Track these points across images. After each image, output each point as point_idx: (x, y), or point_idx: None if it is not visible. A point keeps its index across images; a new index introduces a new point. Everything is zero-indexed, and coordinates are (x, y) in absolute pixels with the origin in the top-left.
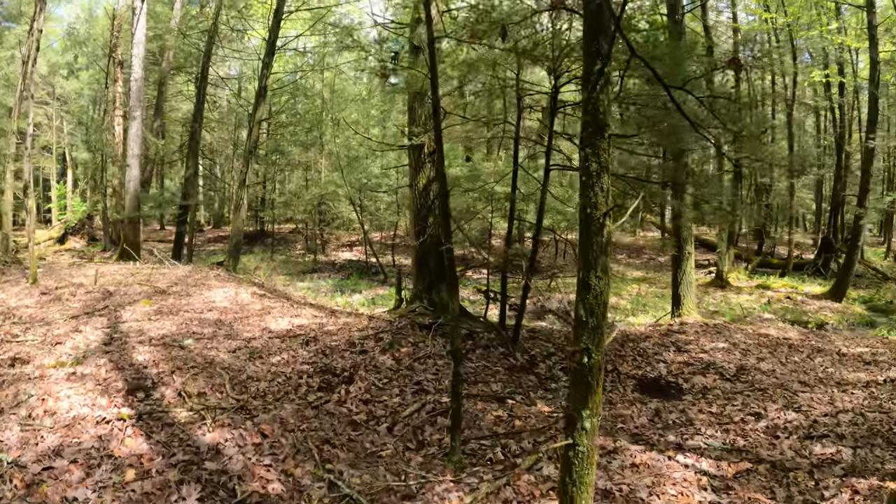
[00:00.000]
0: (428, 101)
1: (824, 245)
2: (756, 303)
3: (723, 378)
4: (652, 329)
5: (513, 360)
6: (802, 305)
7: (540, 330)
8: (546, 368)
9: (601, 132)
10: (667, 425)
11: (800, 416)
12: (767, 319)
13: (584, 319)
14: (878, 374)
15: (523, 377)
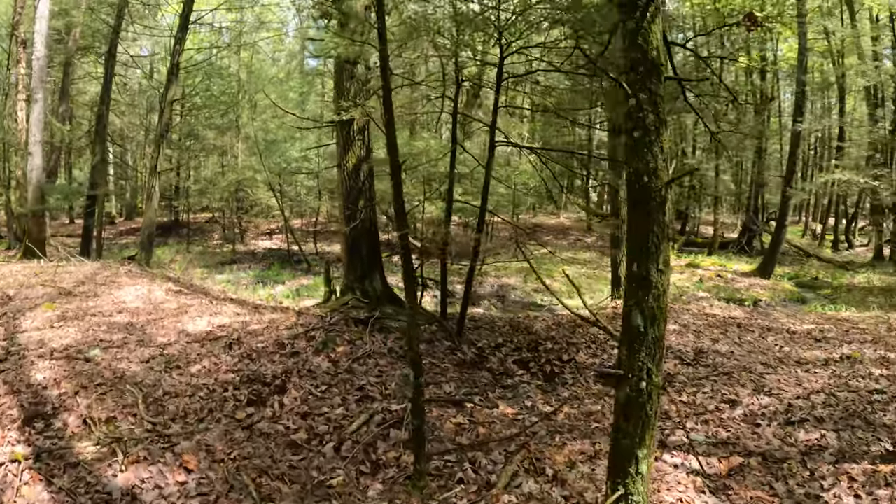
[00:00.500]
0: (358, 72)
1: (748, 224)
2: (689, 281)
3: (683, 363)
4: (597, 312)
5: (461, 355)
6: (733, 283)
7: (480, 318)
8: (498, 362)
9: (655, 73)
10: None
11: (773, 401)
12: (703, 298)
13: (642, 330)
14: (832, 351)
15: (475, 374)
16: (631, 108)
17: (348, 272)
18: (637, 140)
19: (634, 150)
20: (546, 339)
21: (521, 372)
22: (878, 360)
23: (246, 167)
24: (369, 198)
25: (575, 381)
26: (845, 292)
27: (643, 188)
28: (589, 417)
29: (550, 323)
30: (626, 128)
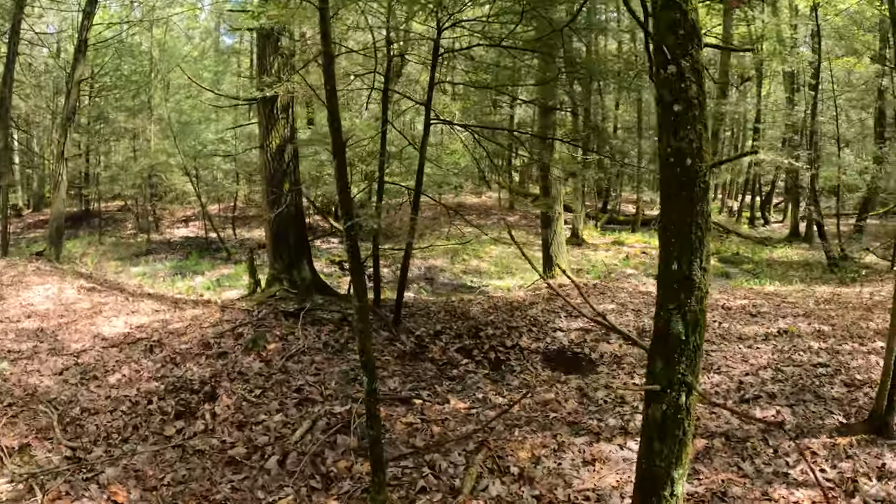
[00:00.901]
0: (283, 45)
1: None
2: (615, 259)
3: (627, 342)
4: (532, 293)
5: (400, 346)
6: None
7: (413, 303)
8: (440, 351)
9: (696, 37)
10: (600, 406)
11: (725, 379)
12: (632, 275)
13: (684, 338)
14: (768, 325)
15: (418, 366)
16: (670, 76)
17: (274, 261)
18: (678, 115)
19: (674, 126)
20: (486, 325)
21: (466, 361)
22: (814, 334)
23: (159, 151)
24: (294, 181)
25: (523, 368)
26: (767, 267)
27: (686, 171)
28: (545, 407)
29: (487, 306)
30: (665, 101)
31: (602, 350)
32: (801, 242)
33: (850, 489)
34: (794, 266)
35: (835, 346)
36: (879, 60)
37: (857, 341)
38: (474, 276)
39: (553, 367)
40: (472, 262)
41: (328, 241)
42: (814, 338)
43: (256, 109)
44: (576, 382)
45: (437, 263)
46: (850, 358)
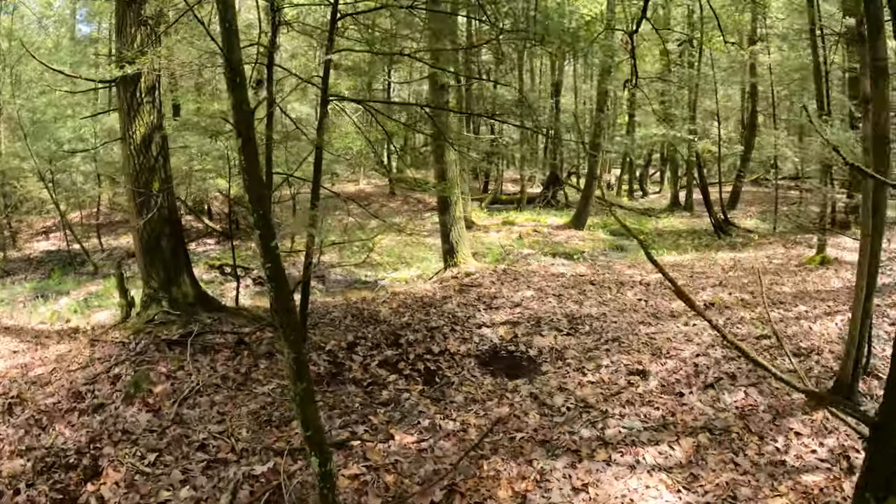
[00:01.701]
0: (146, 12)
1: (551, 179)
2: (509, 239)
3: (563, 333)
4: (440, 286)
5: (312, 367)
6: (552, 237)
7: (312, 308)
8: (360, 368)
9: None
10: (566, 417)
11: (678, 364)
12: (530, 255)
13: None
14: (693, 298)
15: (340, 391)
16: None
17: (149, 276)
18: None
19: None
20: (403, 328)
21: (394, 377)
22: (740, 304)
23: (10, 155)
24: (165, 178)
25: (461, 379)
26: (657, 237)
27: None
28: (506, 426)
29: (396, 305)
30: None
31: (538, 345)
32: (682, 211)
33: (845, 466)
34: (683, 235)
35: (764, 314)
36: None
37: (782, 307)
38: (368, 270)
39: (492, 371)
40: (363, 253)
41: (203, 242)
42: (741, 307)
43: (117, 94)
44: (527, 389)
45: (326, 259)
46: (785, 325)
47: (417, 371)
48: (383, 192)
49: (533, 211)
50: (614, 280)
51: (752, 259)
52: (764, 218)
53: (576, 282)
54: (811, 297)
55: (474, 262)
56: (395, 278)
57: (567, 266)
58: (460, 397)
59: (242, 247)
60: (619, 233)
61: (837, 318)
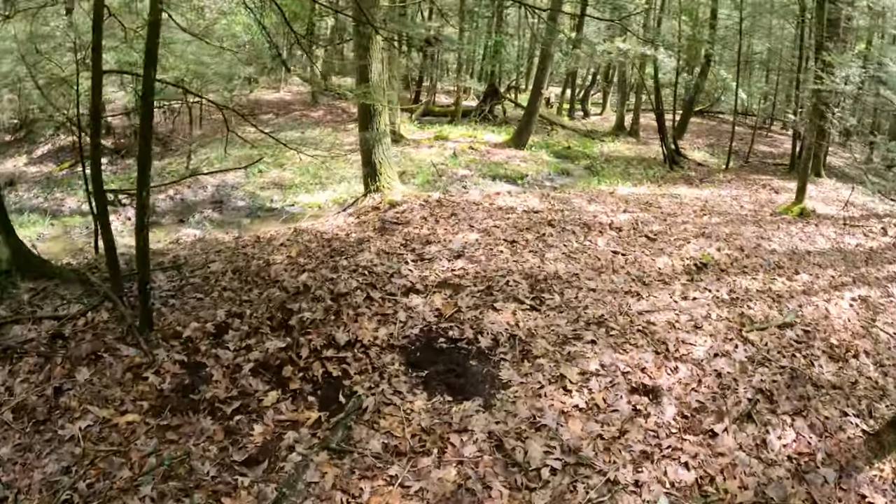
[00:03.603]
0: None
1: (490, 93)
2: (442, 157)
3: (523, 306)
4: (357, 221)
5: (154, 378)
6: (490, 156)
7: (188, 256)
8: (225, 376)
9: None
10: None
11: (695, 371)
12: (466, 177)
13: None
14: (677, 253)
15: (188, 428)
16: None
17: None
18: None
19: None
20: (298, 295)
21: (274, 394)
22: (733, 265)
23: None
24: None
25: (379, 400)
26: (604, 163)
27: None
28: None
29: (294, 252)
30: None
31: (492, 328)
32: (627, 136)
33: None
34: (633, 163)
35: (770, 285)
36: None
37: (783, 276)
38: (276, 192)
39: (426, 381)
40: (272, 172)
41: None
42: (738, 271)
43: None
44: (482, 424)
45: (229, 179)
46: (798, 304)
47: (312, 382)
48: (305, 101)
49: (468, 126)
50: (577, 220)
51: (720, 200)
52: (712, 151)
53: (530, 221)
54: (806, 261)
55: (401, 188)
56: (308, 204)
57: (515, 197)
58: (377, 443)
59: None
60: (563, 155)
61: (846, 293)
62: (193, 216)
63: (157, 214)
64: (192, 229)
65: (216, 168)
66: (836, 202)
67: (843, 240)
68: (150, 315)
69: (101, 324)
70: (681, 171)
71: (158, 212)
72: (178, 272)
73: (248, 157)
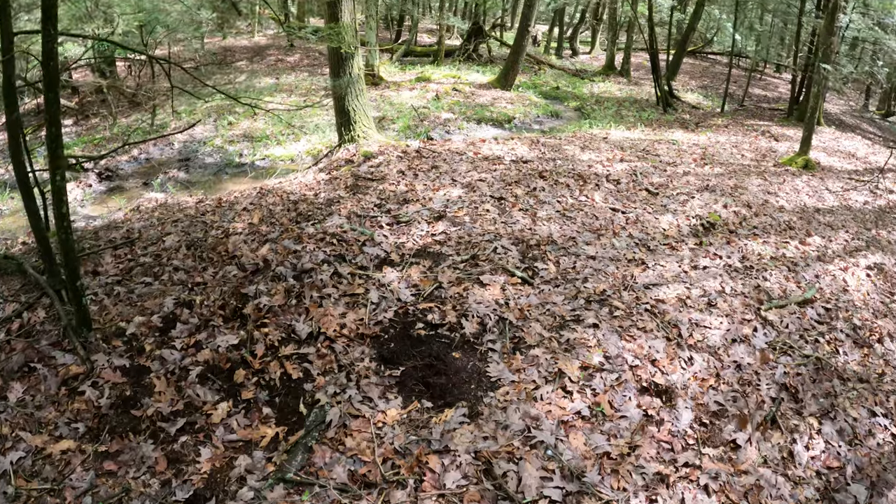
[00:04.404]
0: None
1: (474, 31)
2: (424, 100)
3: (513, 280)
4: (327, 177)
5: (89, 391)
6: (475, 97)
7: (140, 231)
8: (170, 382)
9: None
10: None
11: (712, 362)
12: (450, 121)
13: None
14: (680, 210)
15: (125, 455)
16: None
17: None
18: None
19: None
20: (257, 273)
21: (223, 407)
22: (743, 226)
23: None
24: None
25: (344, 411)
26: (595, 104)
27: None
28: None
29: (257, 218)
30: None
31: (477, 308)
32: (618, 76)
33: None
34: (625, 104)
35: (783, 250)
36: None
37: (794, 238)
38: (246, 145)
39: (401, 381)
40: (244, 123)
41: None
42: (748, 232)
43: None
44: (467, 440)
45: (197, 133)
46: (814, 274)
47: (268, 387)
48: (280, 46)
49: (452, 66)
50: (570, 171)
51: (719, 148)
52: (705, 93)
53: (519, 173)
54: (816, 220)
55: (378, 137)
56: (280, 157)
57: (503, 145)
58: (342, 471)
59: (103, 126)
60: (551, 96)
61: (861, 260)
62: (158, 178)
63: (120, 178)
64: (155, 193)
65: (183, 123)
66: (838, 153)
67: (851, 196)
68: (86, 313)
69: (36, 325)
70: (675, 114)
71: (122, 175)
72: (130, 249)
73: (219, 108)
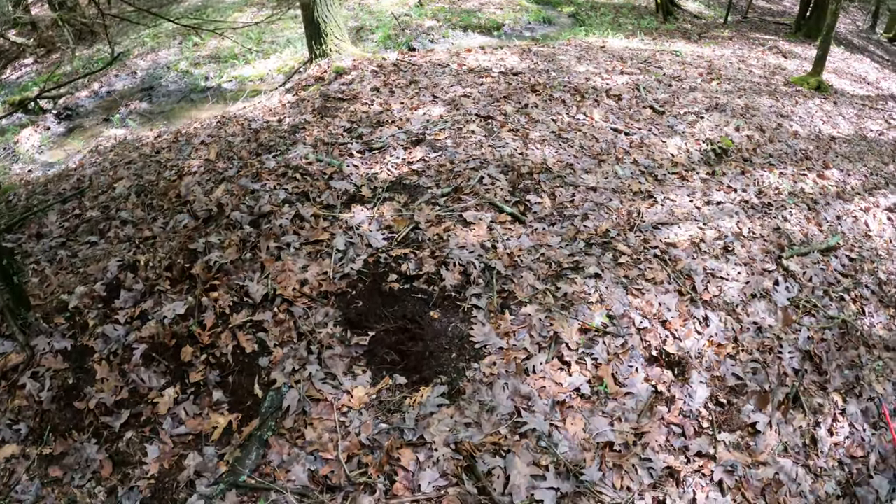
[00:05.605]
0: None
1: None
2: (404, 6)
3: (501, 216)
4: (294, 99)
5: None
6: (461, 3)
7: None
8: (113, 367)
9: None
10: None
11: (729, 323)
12: (433, 29)
13: None
14: (688, 130)
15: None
16: None
17: None
18: None
19: None
20: (209, 221)
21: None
22: (756, 152)
23: None
24: None
25: (304, 390)
26: (590, 10)
27: None
28: None
29: (215, 154)
30: None
31: (460, 252)
32: None
33: None
34: (622, 11)
35: (802, 184)
36: None
37: (811, 170)
38: (213, 67)
39: (370, 350)
40: (211, 42)
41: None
42: (763, 161)
43: None
44: (445, 428)
45: (162, 57)
46: (835, 215)
47: (219, 366)
48: None
49: None
50: (566, 85)
51: (725, 62)
52: (707, 2)
53: (509, 87)
54: (833, 150)
55: (352, 50)
56: (248, 78)
57: (490, 55)
58: (301, 471)
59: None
60: (544, 1)
61: (881, 200)
62: (119, 112)
63: (80, 116)
64: (115, 129)
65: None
66: (849, 75)
67: (865, 125)
68: (22, 292)
69: None
70: (675, 23)
71: (82, 112)
72: (78, 202)
73: (185, 29)
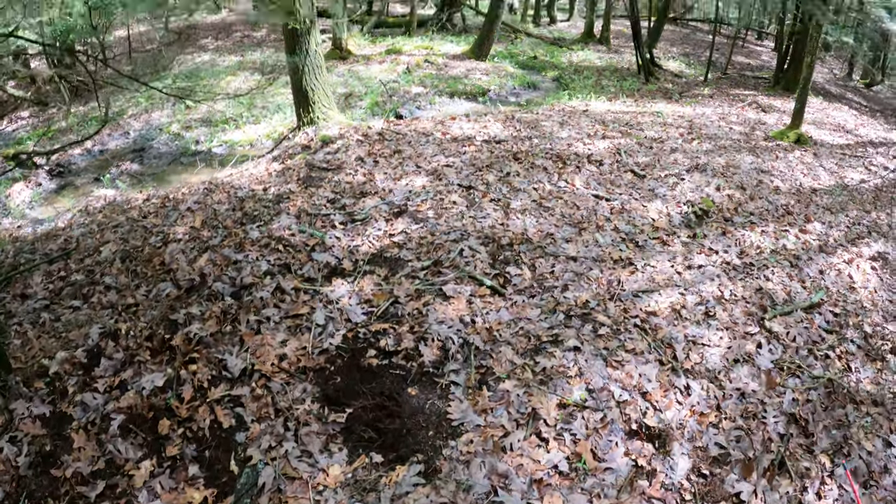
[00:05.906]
0: None
1: None
2: (393, 73)
3: (482, 290)
4: (280, 168)
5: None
6: (448, 70)
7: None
8: (90, 438)
9: None
10: None
11: (711, 390)
12: (420, 95)
13: None
14: (670, 193)
15: None
16: None
17: None
18: None
19: None
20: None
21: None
22: (738, 211)
23: None
24: None
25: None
26: (574, 73)
27: None
28: None
29: (200, 222)
30: None
31: (439, 327)
32: (597, 44)
33: None
34: (605, 74)
35: (783, 241)
36: None
37: (793, 225)
38: (204, 131)
39: (347, 427)
40: (202, 106)
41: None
42: (744, 220)
43: None
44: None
45: (154, 118)
46: (817, 269)
47: (196, 440)
48: (246, 21)
49: (425, 36)
50: (548, 151)
51: (706, 120)
52: (688, 62)
53: (492, 155)
54: (815, 203)
55: (339, 118)
56: (238, 143)
57: (474, 122)
58: None
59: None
60: (528, 66)
61: (864, 250)
62: (110, 172)
63: (72, 174)
64: (106, 189)
65: (141, 109)
66: (828, 125)
67: (846, 174)
68: (3, 353)
69: None
70: (657, 84)
71: (74, 170)
72: (65, 263)
73: (181, 89)
